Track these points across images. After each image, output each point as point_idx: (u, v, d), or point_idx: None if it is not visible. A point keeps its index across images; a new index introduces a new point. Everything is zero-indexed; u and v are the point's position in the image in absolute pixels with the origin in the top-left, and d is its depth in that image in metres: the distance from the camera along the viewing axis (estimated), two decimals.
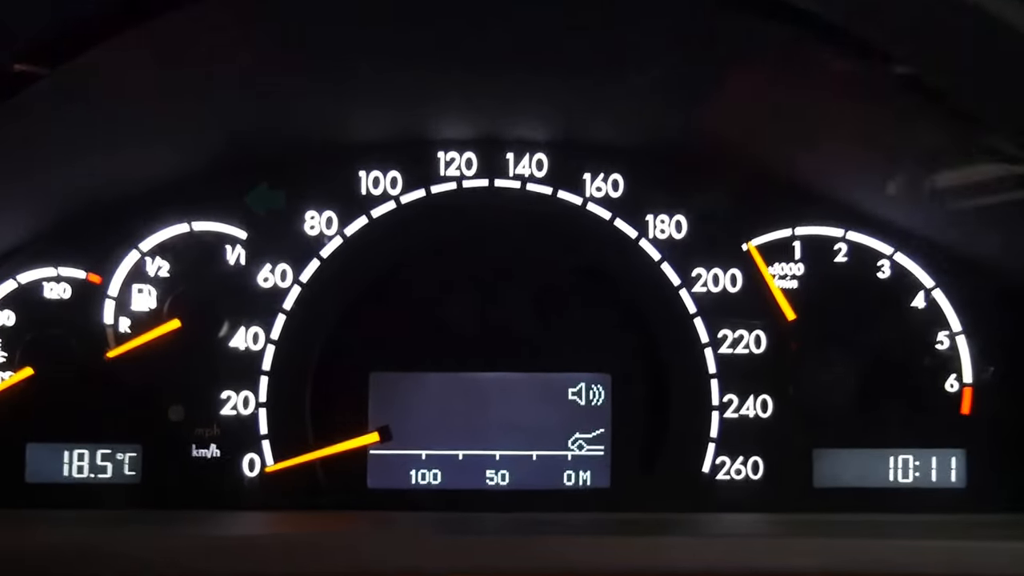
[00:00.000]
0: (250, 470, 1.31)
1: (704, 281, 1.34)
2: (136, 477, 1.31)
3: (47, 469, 1.31)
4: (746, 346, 1.34)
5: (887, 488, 1.33)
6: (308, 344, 1.32)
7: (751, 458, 1.33)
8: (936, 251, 1.35)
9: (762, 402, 1.33)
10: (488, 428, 1.32)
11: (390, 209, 1.34)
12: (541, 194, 1.35)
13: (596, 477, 1.32)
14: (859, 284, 1.35)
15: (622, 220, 1.34)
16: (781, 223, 1.35)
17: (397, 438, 1.29)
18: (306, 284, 1.32)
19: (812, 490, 1.33)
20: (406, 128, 1.33)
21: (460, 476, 1.32)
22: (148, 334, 1.31)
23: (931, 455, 1.33)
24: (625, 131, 1.34)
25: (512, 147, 1.35)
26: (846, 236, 1.35)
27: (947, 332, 1.34)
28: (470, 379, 1.33)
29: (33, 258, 1.33)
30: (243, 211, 1.34)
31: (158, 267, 1.34)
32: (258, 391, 1.31)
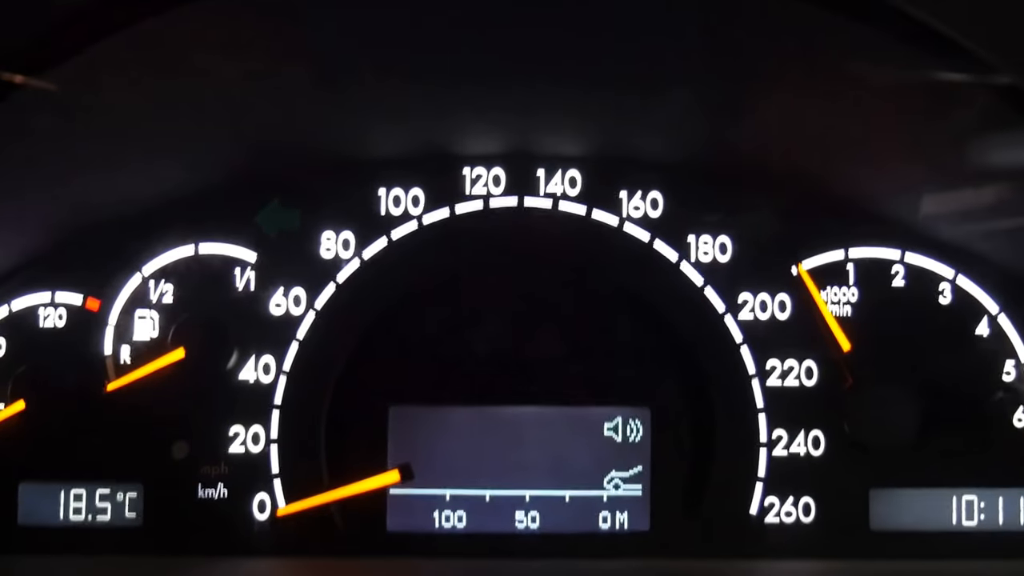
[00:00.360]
0: (260, 512, 1.26)
1: (751, 307, 1.28)
2: (137, 519, 1.26)
3: (41, 511, 1.26)
4: (796, 378, 1.27)
5: (950, 531, 1.26)
6: (323, 376, 1.26)
7: (802, 499, 1.26)
8: (1001, 274, 1.28)
9: (814, 439, 1.26)
10: (517, 466, 1.26)
11: (412, 230, 1.29)
12: (574, 214, 1.29)
13: (634, 520, 1.26)
14: (918, 310, 1.29)
15: (662, 241, 1.29)
16: (833, 244, 1.29)
17: (419, 477, 1.23)
18: (321, 311, 1.27)
19: (869, 533, 1.26)
20: (429, 142, 1.28)
21: (487, 518, 1.25)
22: (150, 364, 1.27)
23: (998, 495, 1.27)
24: (665, 146, 1.28)
25: (543, 163, 1.30)
26: (903, 258, 1.29)
27: (1014, 361, 1.28)
28: (497, 413, 1.27)
29: (27, 282, 1.28)
30: (253, 232, 1.29)
31: (161, 292, 1.29)
32: (269, 426, 1.26)
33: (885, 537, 1.25)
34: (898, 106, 1.10)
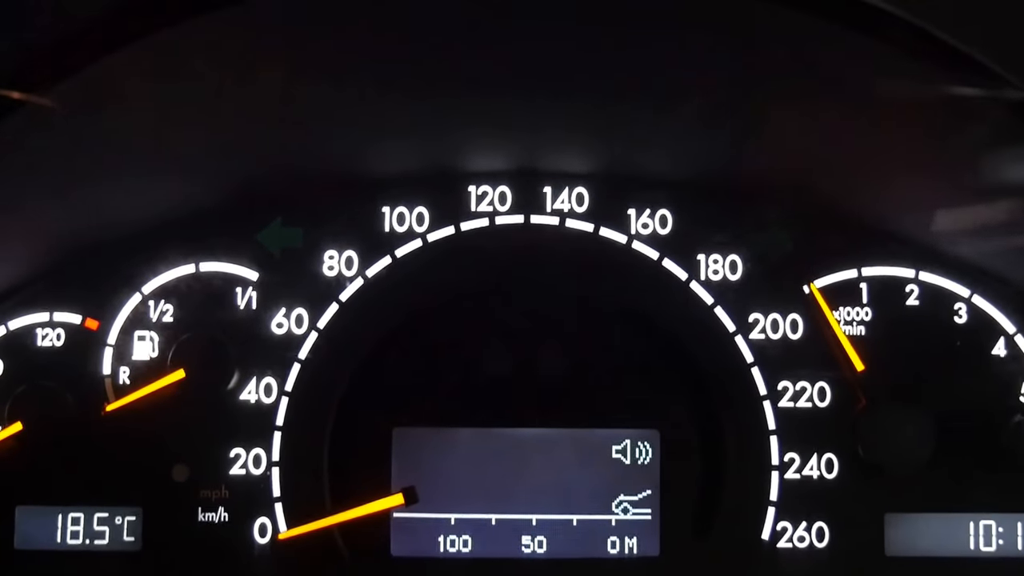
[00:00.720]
0: (261, 536, 1.25)
1: (762, 327, 1.27)
2: (136, 544, 1.26)
3: (38, 535, 1.27)
4: (809, 399, 1.26)
5: (968, 557, 1.25)
6: (326, 397, 1.26)
7: (815, 523, 1.25)
8: (1018, 293, 1.28)
9: (827, 462, 1.25)
10: (524, 490, 1.25)
11: (416, 248, 1.28)
12: (582, 231, 1.29)
13: (643, 544, 1.24)
14: (934, 330, 1.28)
15: (671, 260, 1.28)
16: (846, 263, 1.29)
17: (424, 500, 1.22)
18: (323, 331, 1.26)
19: (884, 559, 1.25)
20: (434, 160, 1.28)
21: (493, 543, 1.24)
22: (150, 386, 1.26)
23: (1016, 520, 1.26)
24: (674, 163, 1.27)
25: (550, 180, 1.30)
26: (918, 277, 1.29)
27: None
28: (503, 435, 1.26)
29: (25, 302, 1.29)
30: (255, 250, 1.30)
31: (161, 312, 1.29)
32: (271, 449, 1.26)
33: (901, 563, 1.24)
34: (911, 123, 1.09)
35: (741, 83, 1.08)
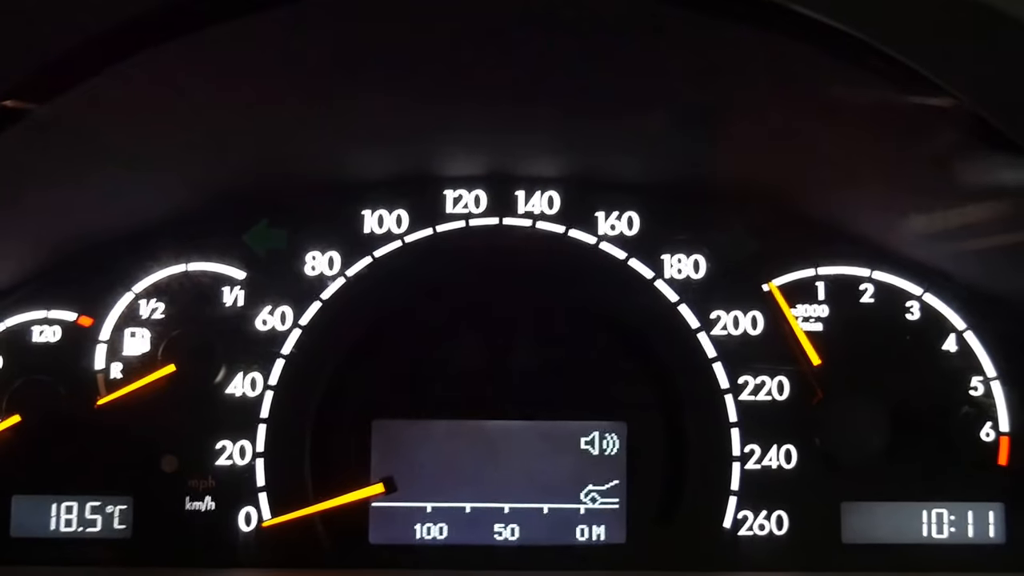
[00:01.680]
0: (246, 524, 1.27)
1: (723, 324, 1.30)
2: (127, 531, 1.27)
3: (33, 523, 1.27)
4: (768, 393, 1.29)
5: (921, 544, 1.28)
6: (308, 391, 1.28)
7: (775, 512, 1.28)
8: (968, 291, 1.31)
9: (786, 452, 1.28)
10: (497, 479, 1.28)
11: (394, 249, 1.31)
12: (552, 233, 1.32)
13: (611, 532, 1.27)
14: (887, 326, 1.31)
15: (637, 260, 1.31)
16: (804, 263, 1.32)
17: (401, 490, 1.25)
18: (306, 328, 1.29)
19: (841, 546, 1.27)
20: (412, 165, 1.31)
21: (467, 531, 1.27)
22: (141, 380, 1.28)
23: (967, 509, 1.28)
24: (640, 167, 1.31)
25: (522, 184, 1.33)
26: (872, 276, 1.32)
27: (981, 377, 1.30)
28: (478, 427, 1.28)
29: (22, 300, 1.31)
30: (242, 251, 1.32)
31: (152, 309, 1.31)
32: (255, 440, 1.28)
33: (857, 550, 1.27)
34: (866, 131, 1.13)
35: (702, 93, 1.12)
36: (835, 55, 0.96)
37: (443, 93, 1.14)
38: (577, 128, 1.23)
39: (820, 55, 0.97)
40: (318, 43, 1.02)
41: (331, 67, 1.08)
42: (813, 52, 0.97)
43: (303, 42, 1.02)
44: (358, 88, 1.13)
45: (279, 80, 1.10)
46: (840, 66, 0.99)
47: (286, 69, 1.07)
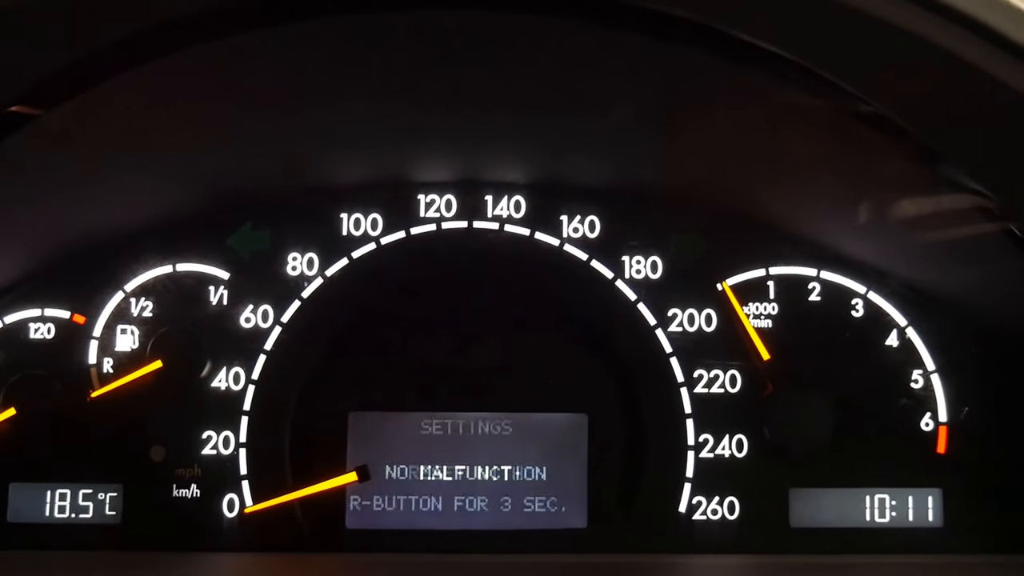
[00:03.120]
0: (229, 511, 1.31)
1: (680, 321, 1.36)
2: (117, 517, 1.31)
3: (29, 509, 1.31)
4: (721, 386, 1.35)
5: (864, 528, 1.33)
6: (288, 384, 1.33)
7: (727, 498, 1.33)
8: (908, 289, 1.36)
9: (737, 442, 1.34)
10: (466, 468, 1.33)
11: (370, 250, 1.36)
12: (519, 235, 1.37)
13: (573, 517, 1.33)
14: (833, 323, 1.36)
15: (598, 261, 1.36)
16: (755, 263, 1.37)
17: (375, 478, 1.30)
18: (286, 325, 1.34)
19: (789, 530, 1.33)
20: (387, 171, 1.36)
21: (438, 516, 1.32)
22: (131, 374, 1.32)
23: (908, 495, 1.34)
24: (601, 174, 1.36)
25: (491, 189, 1.38)
26: (819, 275, 1.37)
27: (921, 371, 1.35)
28: (448, 419, 1.33)
29: (19, 299, 1.35)
30: (227, 252, 1.36)
31: (141, 308, 1.36)
32: (238, 431, 1.32)
33: (804, 533, 1.33)
34: (811, 145, 1.19)
35: (657, 109, 1.19)
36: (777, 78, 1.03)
37: (415, 107, 1.20)
38: (541, 137, 1.29)
39: (763, 77, 1.05)
40: (299, 63, 1.08)
41: (310, 85, 1.14)
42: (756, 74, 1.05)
43: (285, 62, 1.08)
44: (335, 103, 1.18)
45: (262, 96, 1.15)
46: (783, 87, 1.06)
47: (269, 87, 1.13)
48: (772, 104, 1.12)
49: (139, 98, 1.09)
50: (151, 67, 1.01)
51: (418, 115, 1.23)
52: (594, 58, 1.09)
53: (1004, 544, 1.29)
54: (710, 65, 1.07)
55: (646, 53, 1.07)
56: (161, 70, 1.03)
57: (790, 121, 1.16)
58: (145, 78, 1.03)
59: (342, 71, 1.12)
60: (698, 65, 1.07)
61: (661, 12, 0.94)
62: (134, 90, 1.06)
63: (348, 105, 1.20)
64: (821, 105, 1.08)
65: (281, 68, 1.10)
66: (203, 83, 1.10)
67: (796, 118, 1.14)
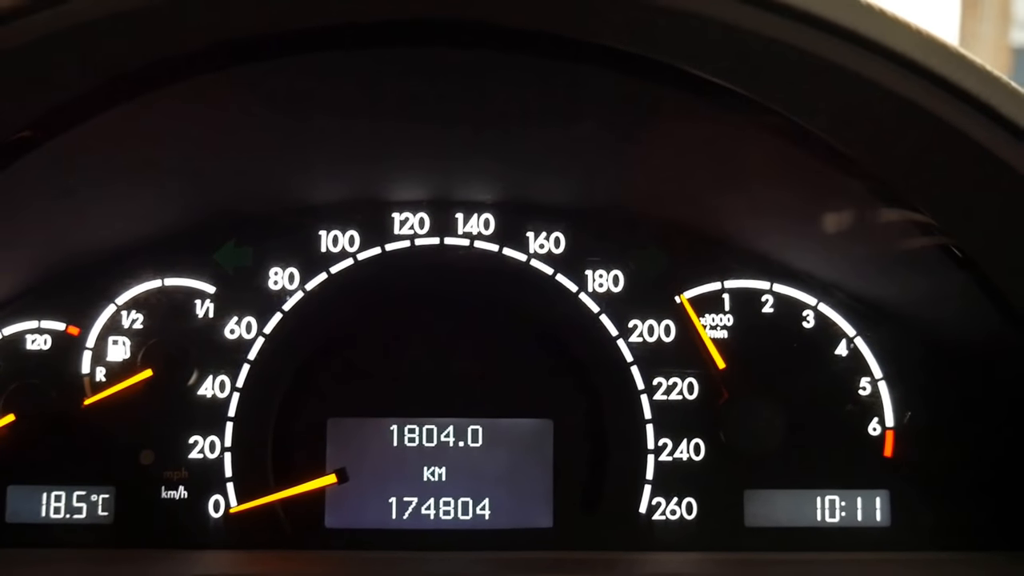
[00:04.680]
0: (215, 511, 1.37)
1: (640, 332, 1.41)
2: (109, 518, 1.37)
3: (26, 510, 1.36)
4: (679, 393, 1.40)
5: (815, 527, 1.39)
6: (270, 392, 1.39)
7: (685, 499, 1.38)
8: (856, 301, 1.42)
9: (695, 445, 1.39)
10: (439, 471, 1.39)
11: (348, 265, 1.41)
12: (488, 251, 1.43)
13: (539, 517, 1.39)
14: (785, 333, 1.42)
15: (563, 275, 1.42)
16: (711, 277, 1.42)
17: (353, 480, 1.36)
18: (269, 336, 1.40)
19: (744, 529, 1.38)
20: (363, 191, 1.43)
21: (412, 516, 1.38)
22: (122, 383, 1.37)
23: (856, 495, 1.39)
24: (565, 193, 1.43)
25: (461, 208, 1.44)
26: (772, 288, 1.43)
27: (869, 378, 1.41)
28: (421, 425, 1.40)
29: (17, 312, 1.41)
30: (212, 268, 1.42)
31: (132, 320, 1.41)
32: (224, 436, 1.38)
33: (758, 532, 1.38)
34: (759, 169, 1.26)
35: (613, 139, 1.26)
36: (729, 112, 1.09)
37: (389, 134, 1.28)
38: (508, 161, 1.36)
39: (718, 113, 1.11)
40: (276, 97, 1.15)
41: (288, 117, 1.21)
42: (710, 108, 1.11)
43: (264, 97, 1.15)
44: (313, 131, 1.26)
45: (244, 126, 1.23)
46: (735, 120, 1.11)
47: (252, 118, 1.21)
48: (724, 134, 1.19)
49: (134, 128, 1.16)
50: (142, 101, 1.08)
51: (391, 141, 1.30)
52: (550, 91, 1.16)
53: (948, 542, 1.35)
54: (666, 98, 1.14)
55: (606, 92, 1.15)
56: (151, 104, 1.09)
57: (741, 149, 1.23)
58: (137, 111, 1.10)
59: (317, 104, 1.19)
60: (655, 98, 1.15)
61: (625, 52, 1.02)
62: (129, 120, 1.13)
63: (325, 132, 1.27)
64: (771, 137, 1.15)
65: (261, 102, 1.17)
66: (191, 115, 1.17)
67: (746, 147, 1.22)
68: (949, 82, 0.94)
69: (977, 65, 0.95)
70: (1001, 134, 0.96)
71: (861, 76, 0.96)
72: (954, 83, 0.94)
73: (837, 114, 1.05)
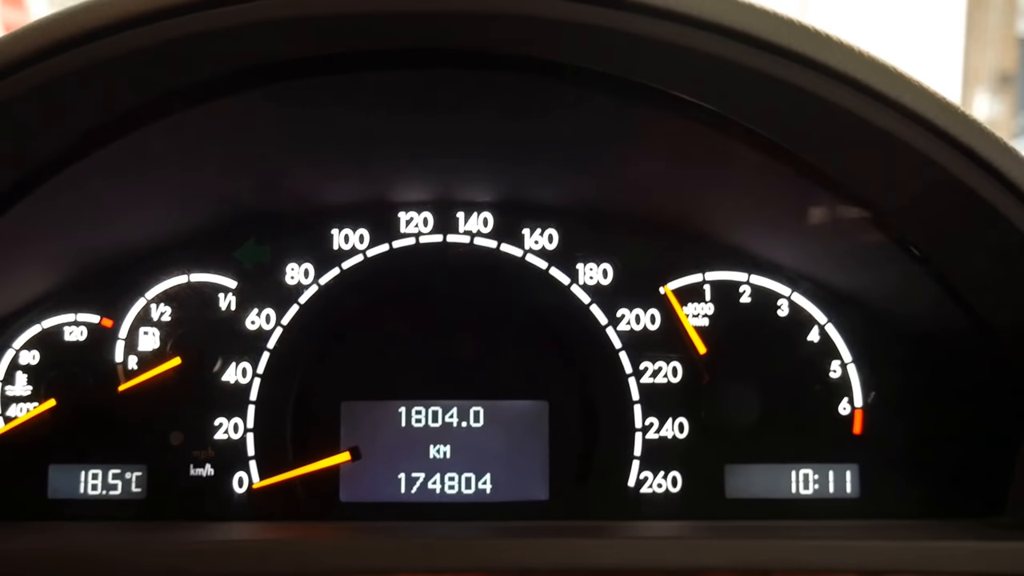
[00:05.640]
0: (239, 487, 1.44)
1: (628, 320, 1.50)
2: (142, 493, 1.44)
3: (65, 487, 1.44)
4: (665, 376, 1.49)
5: (790, 499, 1.48)
6: (289, 377, 1.47)
7: (671, 473, 1.48)
8: (826, 291, 1.52)
9: (679, 424, 1.49)
10: (443, 448, 1.49)
11: (358, 262, 1.49)
12: (487, 248, 1.50)
13: (536, 490, 1.48)
14: (761, 321, 1.51)
15: (556, 269, 1.49)
16: (693, 269, 1.51)
17: (365, 458, 1.46)
18: (287, 326, 1.49)
19: (725, 501, 1.48)
20: (372, 193, 1.52)
21: (419, 490, 1.48)
22: (153, 370, 1.45)
23: (828, 469, 1.48)
24: (557, 194, 1.53)
25: (462, 208, 1.53)
26: (750, 280, 1.52)
27: (839, 362, 1.51)
28: (427, 407, 1.49)
29: (55, 306, 1.50)
30: (234, 264, 1.50)
31: (161, 312, 1.48)
32: (246, 418, 1.45)
33: (738, 503, 1.47)
34: (733, 174, 1.38)
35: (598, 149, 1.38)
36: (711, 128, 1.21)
37: (396, 143, 1.39)
38: (505, 166, 1.47)
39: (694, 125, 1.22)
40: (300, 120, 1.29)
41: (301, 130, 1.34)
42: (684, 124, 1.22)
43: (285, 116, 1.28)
44: (327, 142, 1.38)
45: (267, 140, 1.35)
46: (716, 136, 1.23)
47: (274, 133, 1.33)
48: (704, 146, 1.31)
49: (167, 142, 1.28)
50: (175, 120, 1.22)
51: (398, 148, 1.42)
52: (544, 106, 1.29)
53: (912, 511, 1.44)
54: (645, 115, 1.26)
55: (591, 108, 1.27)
56: (183, 121, 1.23)
57: (720, 158, 1.35)
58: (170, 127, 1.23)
59: (333, 118, 1.31)
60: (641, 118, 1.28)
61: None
62: (162, 136, 1.26)
63: (339, 142, 1.39)
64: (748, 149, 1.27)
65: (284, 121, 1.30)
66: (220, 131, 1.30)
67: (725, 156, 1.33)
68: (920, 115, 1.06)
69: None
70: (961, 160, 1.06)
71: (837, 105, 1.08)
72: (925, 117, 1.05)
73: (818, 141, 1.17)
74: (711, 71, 1.10)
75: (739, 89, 1.15)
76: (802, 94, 1.07)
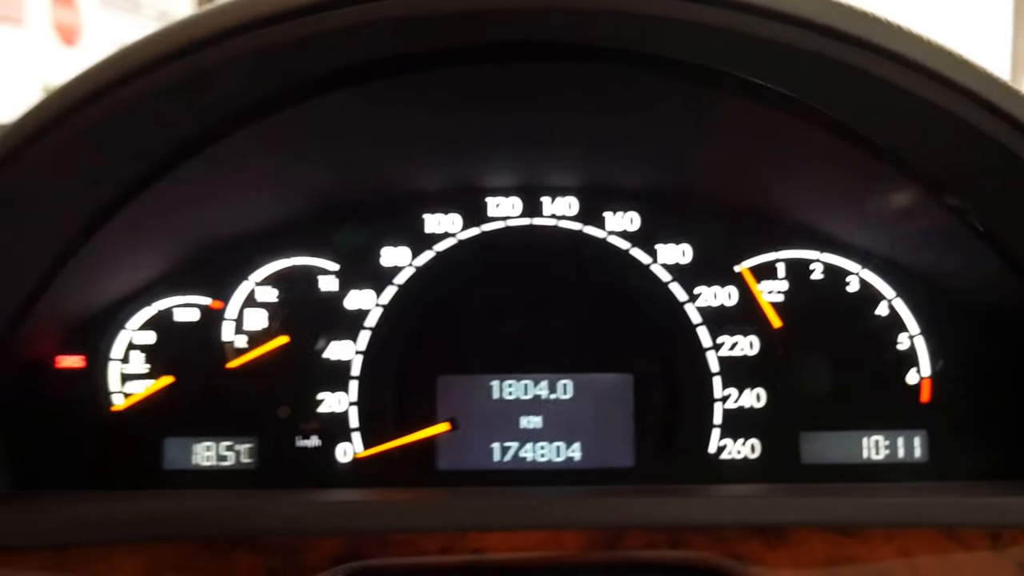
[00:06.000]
0: (344, 456, 1.50)
1: (705, 297, 1.54)
2: (252, 464, 1.49)
3: (180, 458, 1.50)
4: (742, 349, 1.53)
5: (862, 463, 1.54)
6: (388, 354, 1.52)
7: (749, 440, 1.52)
8: (894, 268, 1.58)
9: (756, 395, 1.55)
10: (535, 420, 1.56)
11: (451, 245, 1.55)
12: (572, 230, 1.56)
13: (624, 457, 1.56)
14: (832, 296, 1.57)
15: (638, 249, 1.54)
16: (767, 248, 1.54)
17: (461, 429, 1.54)
18: (386, 306, 1.53)
19: (800, 466, 1.54)
20: (464, 181, 1.59)
21: (512, 458, 1.56)
22: (260, 348, 1.50)
23: (898, 435, 1.54)
24: (639, 178, 1.60)
25: (547, 193, 1.56)
26: (821, 258, 1.59)
27: (907, 334, 1.57)
28: (519, 380, 1.57)
29: (169, 288, 1.55)
30: (333, 248, 1.55)
31: (267, 294, 1.54)
32: (349, 392, 1.51)
33: (813, 468, 1.54)
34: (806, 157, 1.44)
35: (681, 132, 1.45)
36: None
37: (485, 133, 1.48)
38: (590, 154, 1.55)
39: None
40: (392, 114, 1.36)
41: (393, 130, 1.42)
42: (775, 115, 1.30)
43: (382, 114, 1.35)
44: (421, 135, 1.46)
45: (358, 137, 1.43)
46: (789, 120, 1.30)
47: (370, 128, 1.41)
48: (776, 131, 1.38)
49: (273, 135, 1.36)
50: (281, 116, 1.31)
51: (487, 138, 1.50)
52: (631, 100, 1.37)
53: (979, 473, 1.50)
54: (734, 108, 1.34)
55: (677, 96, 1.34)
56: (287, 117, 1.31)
57: (794, 142, 1.41)
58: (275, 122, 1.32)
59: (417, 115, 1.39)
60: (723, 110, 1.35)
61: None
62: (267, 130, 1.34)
63: (427, 137, 1.47)
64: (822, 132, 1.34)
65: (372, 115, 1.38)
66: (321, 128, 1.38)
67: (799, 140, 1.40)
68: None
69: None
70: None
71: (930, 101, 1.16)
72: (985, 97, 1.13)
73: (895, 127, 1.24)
74: (789, 61, 1.18)
75: (814, 77, 1.21)
76: (875, 80, 1.15)
